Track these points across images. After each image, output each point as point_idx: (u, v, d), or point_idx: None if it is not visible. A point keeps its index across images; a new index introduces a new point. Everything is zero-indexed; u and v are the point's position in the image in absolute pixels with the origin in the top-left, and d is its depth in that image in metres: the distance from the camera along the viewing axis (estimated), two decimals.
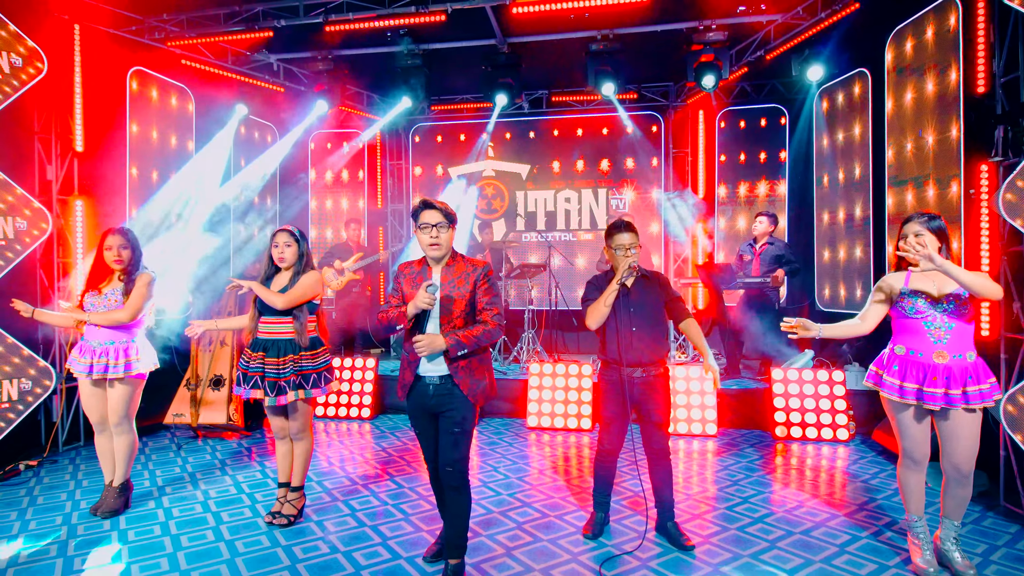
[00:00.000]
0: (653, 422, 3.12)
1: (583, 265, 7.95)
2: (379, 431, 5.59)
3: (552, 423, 5.63)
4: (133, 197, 5.78)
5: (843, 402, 5.38)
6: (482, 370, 2.73)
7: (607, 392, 3.16)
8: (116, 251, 3.45)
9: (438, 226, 2.65)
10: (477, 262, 2.74)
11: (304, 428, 3.45)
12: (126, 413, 3.51)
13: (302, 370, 3.34)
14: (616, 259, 3.09)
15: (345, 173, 8.52)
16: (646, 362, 3.07)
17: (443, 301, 2.65)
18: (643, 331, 3.07)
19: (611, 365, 3.13)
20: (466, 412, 2.67)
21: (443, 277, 2.70)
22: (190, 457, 4.76)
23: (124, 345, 3.45)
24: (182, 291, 5.71)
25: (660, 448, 3.16)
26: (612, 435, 3.19)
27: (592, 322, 3.06)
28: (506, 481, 4.18)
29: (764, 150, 7.60)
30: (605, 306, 3.02)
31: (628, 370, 3.06)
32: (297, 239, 3.40)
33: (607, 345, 3.12)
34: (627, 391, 3.07)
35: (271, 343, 3.32)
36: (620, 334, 3.05)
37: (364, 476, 4.31)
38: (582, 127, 7.96)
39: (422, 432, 2.78)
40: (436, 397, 2.67)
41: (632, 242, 3.07)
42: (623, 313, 3.07)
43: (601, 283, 3.17)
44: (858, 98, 6.23)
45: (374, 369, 6.17)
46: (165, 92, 6.24)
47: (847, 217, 6.43)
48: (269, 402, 3.26)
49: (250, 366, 3.29)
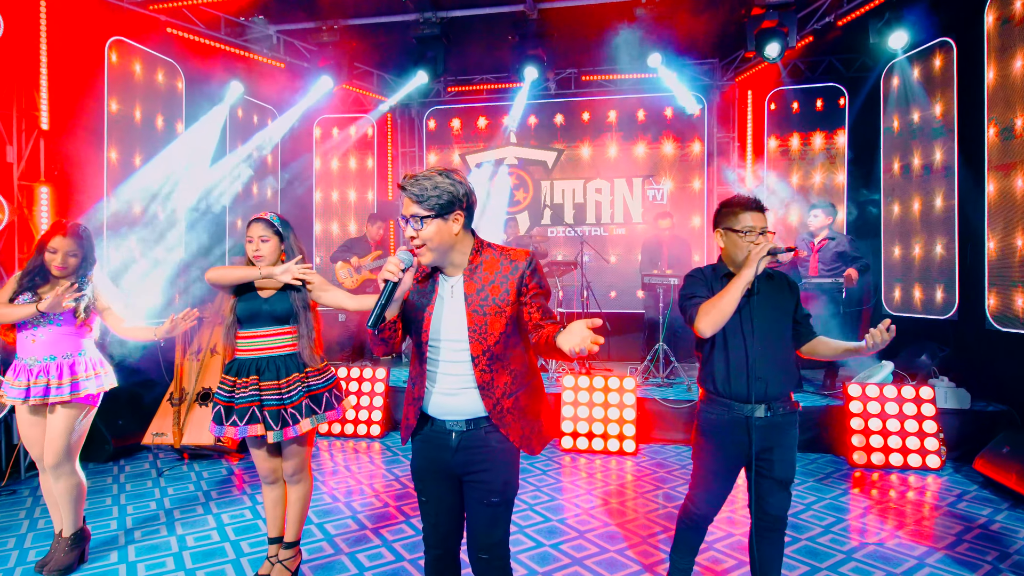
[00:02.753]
0: (774, 478, 2.26)
1: (615, 262, 7.18)
2: (390, 452, 4.86)
3: (590, 445, 4.87)
4: (112, 184, 5.07)
5: (932, 423, 4.60)
6: (536, 401, 1.93)
7: (712, 436, 2.30)
8: (62, 258, 2.73)
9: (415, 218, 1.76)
10: (516, 253, 1.87)
11: (303, 467, 2.72)
12: (67, 450, 2.76)
13: (312, 390, 2.62)
14: (737, 247, 2.24)
15: (353, 161, 7.79)
16: (773, 396, 2.23)
17: (471, 321, 1.81)
18: (771, 351, 2.23)
19: (720, 399, 2.28)
20: (510, 473, 1.86)
21: (467, 286, 1.84)
22: (170, 488, 4.04)
23: (69, 360, 2.73)
24: (166, 288, 5.02)
25: (778, 516, 2.31)
26: (714, 494, 2.34)
27: (709, 324, 2.16)
28: (547, 526, 3.43)
29: (821, 133, 6.79)
30: (732, 302, 2.13)
31: (747, 407, 2.21)
32: (277, 231, 2.65)
33: (715, 370, 2.27)
34: (747, 438, 2.22)
35: (267, 362, 2.59)
36: (735, 354, 2.22)
37: (374, 516, 3.57)
38: (615, 109, 7.17)
39: (432, 499, 1.92)
40: (463, 452, 1.84)
41: (764, 225, 2.24)
42: (745, 324, 2.22)
43: (709, 277, 2.34)
44: (939, 72, 5.42)
45: (384, 380, 5.44)
46: (150, 66, 5.53)
47: (923, 208, 5.63)
48: (274, 437, 2.53)
49: (237, 395, 2.55)
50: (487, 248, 1.88)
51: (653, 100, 7.04)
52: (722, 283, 2.28)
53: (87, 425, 2.85)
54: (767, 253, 2.12)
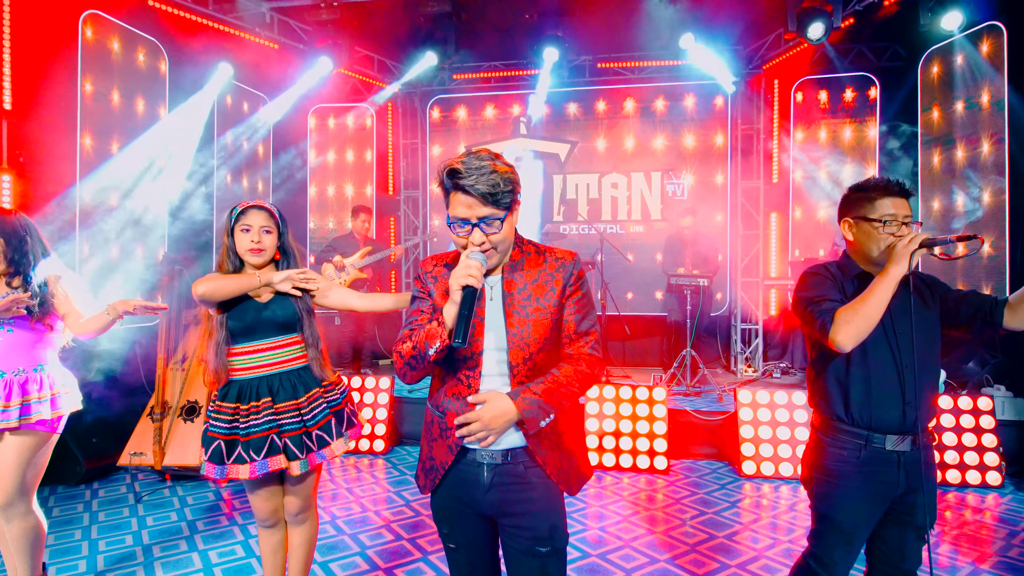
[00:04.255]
0: (915, 525, 1.81)
1: (633, 261, 6.74)
2: (396, 472, 4.39)
3: (617, 462, 4.43)
4: (85, 172, 4.55)
5: (992, 437, 4.22)
6: (575, 430, 1.68)
7: (849, 479, 1.80)
8: None
9: (489, 221, 1.49)
10: (561, 251, 1.63)
11: (309, 504, 2.26)
12: (20, 487, 2.26)
13: (334, 405, 2.22)
14: (874, 240, 1.80)
15: (350, 153, 7.29)
16: (918, 428, 1.78)
17: (511, 324, 1.55)
18: (918, 372, 1.77)
19: (851, 428, 1.81)
20: (557, 515, 1.58)
21: (507, 284, 1.59)
22: (149, 517, 3.54)
23: (21, 378, 2.23)
24: (145, 286, 4.51)
25: (912, 571, 1.86)
26: (852, 551, 1.83)
27: (851, 335, 1.68)
28: (588, 564, 2.98)
29: (851, 125, 6.41)
30: (879, 307, 1.66)
31: (890, 440, 1.76)
32: (278, 224, 2.22)
33: (849, 392, 1.81)
34: (897, 477, 1.77)
35: (279, 379, 2.14)
36: (880, 372, 1.77)
37: (386, 553, 3.10)
38: (633, 98, 6.73)
39: (463, 547, 1.64)
40: (497, 490, 1.55)
41: (907, 213, 1.80)
42: (890, 334, 1.78)
43: (837, 276, 1.87)
44: (987, 58, 5.06)
45: (388, 391, 4.96)
46: (130, 45, 5.01)
47: (968, 203, 5.26)
48: (301, 467, 2.09)
49: (244, 424, 2.08)
50: (528, 244, 1.65)
51: (673, 89, 6.62)
52: (854, 284, 1.84)
53: (47, 454, 2.36)
54: (920, 246, 1.66)
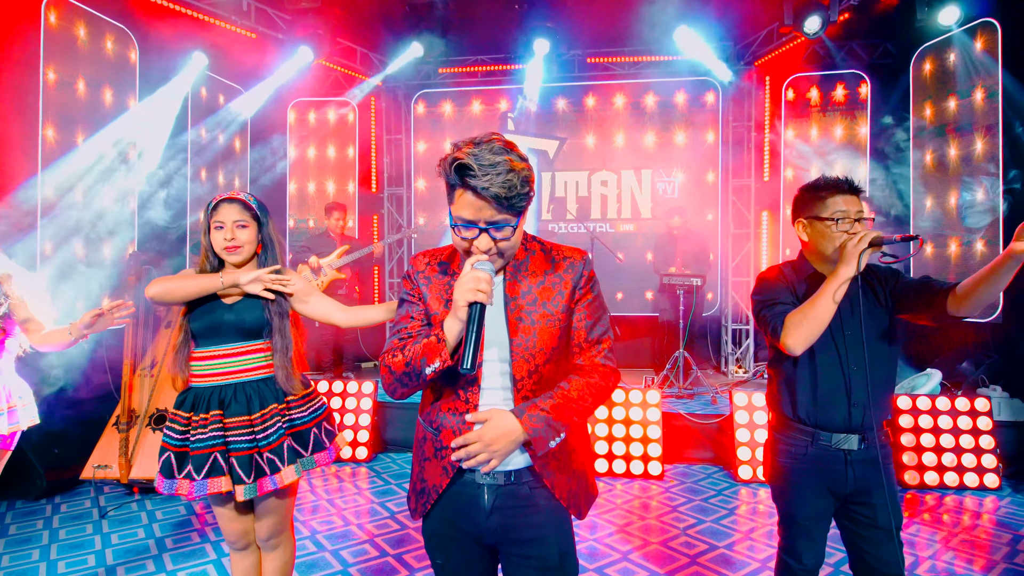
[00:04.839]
0: (879, 527, 1.82)
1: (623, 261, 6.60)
2: (380, 481, 4.19)
3: (610, 468, 4.28)
4: (47, 164, 4.27)
5: (990, 438, 4.16)
6: (583, 446, 1.52)
7: (799, 475, 1.87)
8: None
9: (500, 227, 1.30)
10: (569, 250, 1.47)
11: (283, 528, 2.06)
12: None
13: (295, 425, 1.98)
14: (827, 239, 1.81)
15: (332, 149, 7.06)
16: (870, 426, 1.80)
17: (514, 331, 1.38)
18: (867, 371, 1.80)
19: (802, 428, 1.86)
20: (567, 543, 1.44)
21: (510, 287, 1.41)
22: (114, 535, 3.30)
23: None
24: (111, 287, 4.26)
25: (895, 574, 1.82)
26: (815, 542, 1.90)
27: (801, 339, 1.71)
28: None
29: (842, 123, 6.35)
30: (828, 310, 1.68)
31: (835, 438, 1.81)
32: (256, 215, 2.02)
33: (796, 392, 1.85)
34: (843, 475, 1.82)
35: (233, 390, 1.93)
36: (827, 373, 1.81)
37: (370, 571, 2.90)
38: (623, 94, 6.60)
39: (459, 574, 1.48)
40: (500, 514, 1.39)
41: (859, 209, 1.80)
42: (837, 336, 1.81)
43: (791, 277, 1.89)
44: (980, 55, 5.01)
45: (372, 395, 4.76)
46: (97, 32, 4.74)
47: (961, 202, 5.21)
48: (246, 493, 1.86)
49: (193, 437, 1.87)
50: (533, 242, 1.48)
51: (663, 85, 6.49)
52: (805, 285, 1.85)
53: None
54: (869, 245, 1.65)
